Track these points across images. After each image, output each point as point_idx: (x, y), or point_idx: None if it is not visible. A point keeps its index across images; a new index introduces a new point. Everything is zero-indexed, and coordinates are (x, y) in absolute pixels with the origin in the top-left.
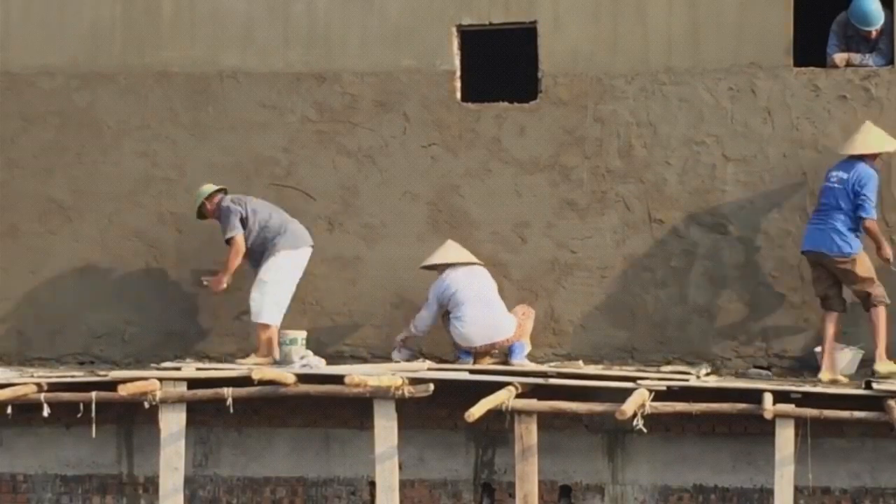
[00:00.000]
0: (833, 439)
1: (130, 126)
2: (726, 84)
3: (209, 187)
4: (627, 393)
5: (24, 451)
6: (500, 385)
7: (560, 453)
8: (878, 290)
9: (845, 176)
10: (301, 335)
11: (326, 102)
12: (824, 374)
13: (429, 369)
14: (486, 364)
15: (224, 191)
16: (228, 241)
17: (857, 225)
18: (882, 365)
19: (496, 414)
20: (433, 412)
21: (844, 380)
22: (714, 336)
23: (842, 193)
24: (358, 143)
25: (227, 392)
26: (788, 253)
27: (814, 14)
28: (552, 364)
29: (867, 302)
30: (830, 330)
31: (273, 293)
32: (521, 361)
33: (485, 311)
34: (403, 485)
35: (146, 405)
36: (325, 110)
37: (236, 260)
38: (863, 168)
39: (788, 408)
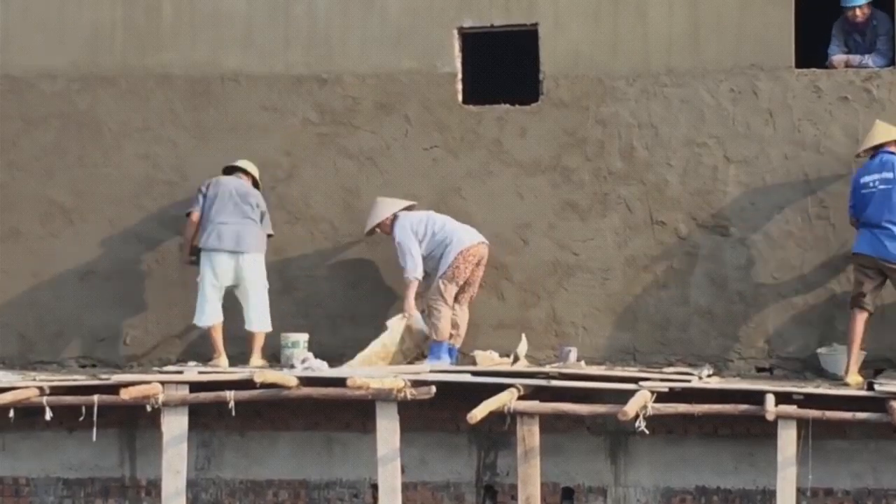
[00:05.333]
0: (835, 440)
1: (131, 128)
2: (727, 85)
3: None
4: (629, 394)
5: (27, 455)
6: (503, 387)
7: (562, 455)
8: None
9: (889, 175)
10: (303, 338)
11: (327, 104)
12: (853, 378)
13: (430, 371)
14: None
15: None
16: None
17: None
18: None
19: (498, 416)
20: (435, 414)
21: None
22: (716, 337)
23: (890, 193)
24: (359, 145)
25: (230, 395)
26: (790, 254)
27: (815, 15)
28: (554, 365)
29: None
30: (860, 331)
31: (199, 295)
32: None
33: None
34: (406, 487)
35: (148, 408)
36: (327, 112)
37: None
38: None
39: (790, 409)
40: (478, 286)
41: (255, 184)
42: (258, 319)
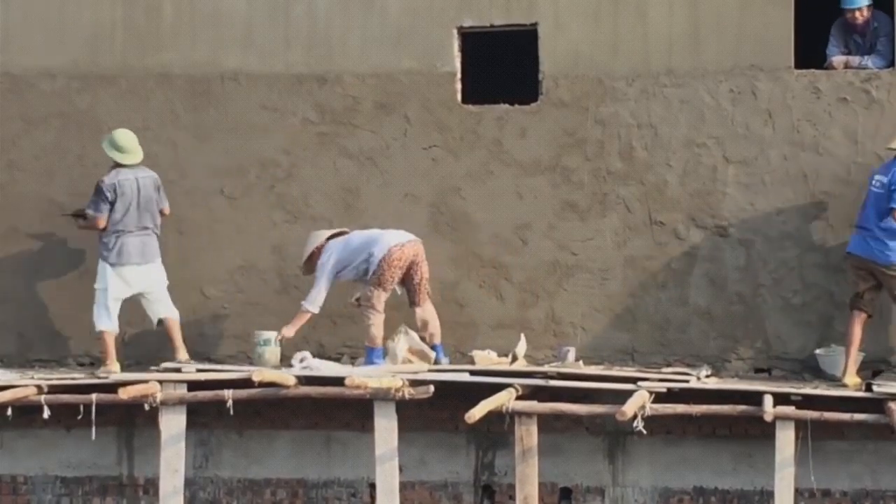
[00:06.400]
0: (833, 441)
1: (131, 128)
2: (727, 86)
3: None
4: (628, 395)
5: (25, 453)
6: (501, 387)
7: (560, 455)
8: None
9: (885, 179)
10: (274, 335)
11: (327, 104)
12: (851, 379)
13: (429, 371)
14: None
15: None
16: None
17: None
18: None
19: (496, 416)
20: (434, 414)
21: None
22: (714, 338)
23: (882, 197)
24: (359, 145)
25: (228, 394)
26: (789, 255)
27: (815, 15)
28: (552, 365)
29: None
30: (859, 332)
31: (99, 301)
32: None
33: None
34: (404, 487)
35: (146, 407)
36: (326, 112)
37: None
38: None
39: (789, 410)
40: (426, 282)
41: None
42: (167, 308)
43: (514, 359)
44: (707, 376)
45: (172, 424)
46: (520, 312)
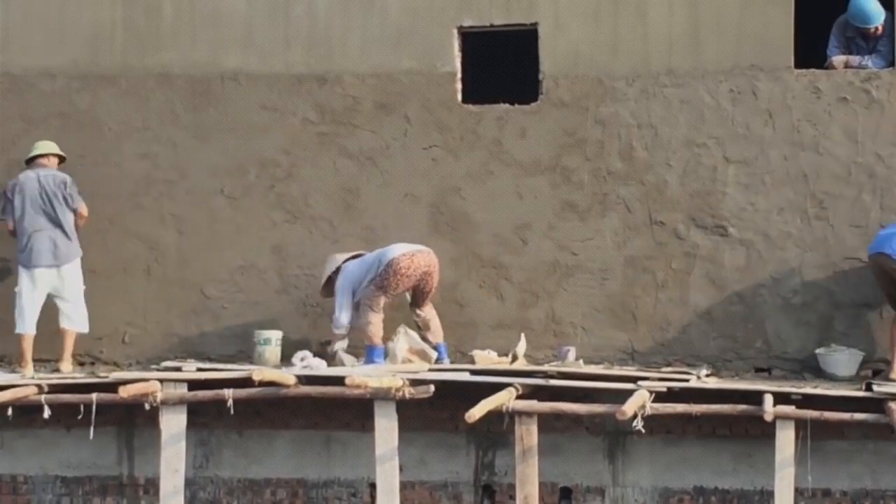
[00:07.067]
0: (834, 441)
1: (131, 128)
2: (727, 86)
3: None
4: (628, 394)
5: (25, 453)
6: (501, 386)
7: (561, 455)
8: None
9: None
10: (275, 335)
11: (327, 104)
12: None
13: (429, 370)
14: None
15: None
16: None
17: None
18: None
19: (497, 415)
20: (434, 414)
21: None
22: (714, 338)
23: None
24: (359, 145)
25: (228, 393)
26: (789, 255)
27: (815, 15)
28: (552, 365)
29: None
30: None
31: (17, 304)
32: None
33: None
34: (404, 486)
35: (147, 406)
36: (326, 112)
37: None
38: None
39: (789, 409)
40: (433, 291)
41: (62, 158)
42: (78, 319)
43: (515, 358)
44: (707, 376)
45: (173, 424)
46: (520, 312)
